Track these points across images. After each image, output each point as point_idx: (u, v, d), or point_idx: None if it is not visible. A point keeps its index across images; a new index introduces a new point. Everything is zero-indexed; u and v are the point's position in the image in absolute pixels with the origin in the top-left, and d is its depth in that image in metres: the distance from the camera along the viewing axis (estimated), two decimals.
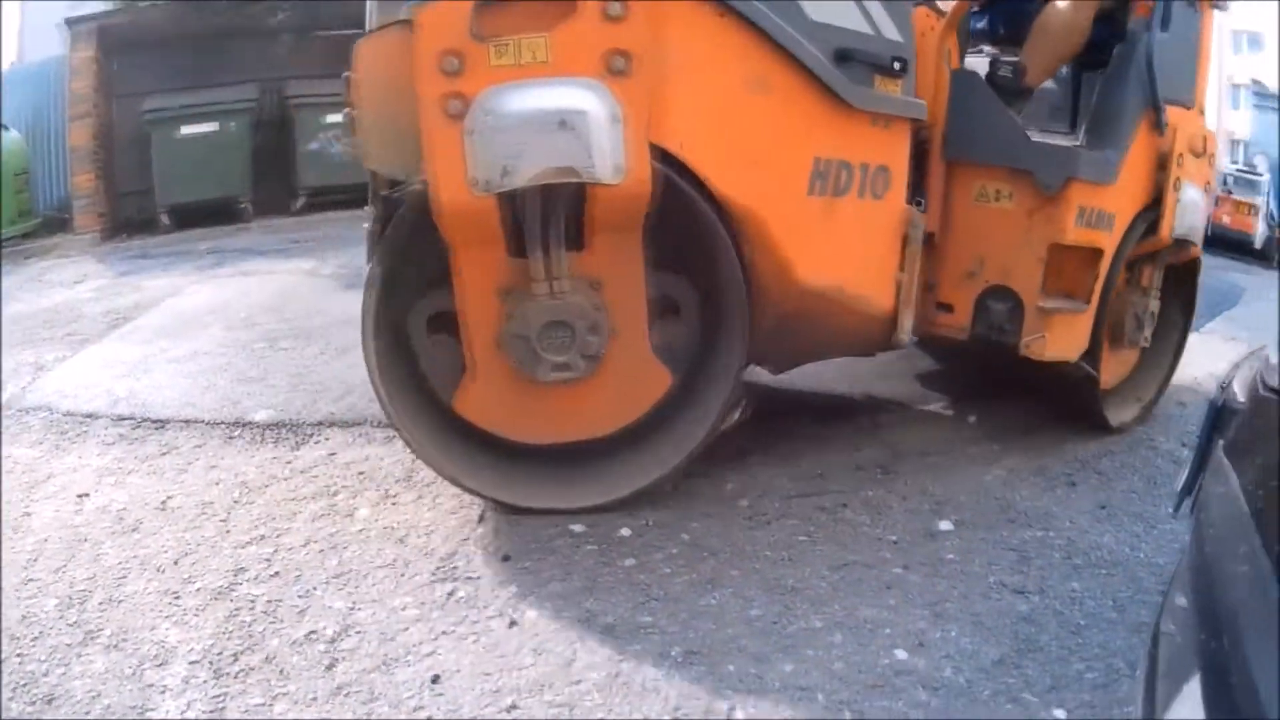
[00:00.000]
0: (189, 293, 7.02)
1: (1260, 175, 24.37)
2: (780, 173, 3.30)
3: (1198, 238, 4.59)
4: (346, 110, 3.12)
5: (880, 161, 3.54)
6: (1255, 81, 35.16)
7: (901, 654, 2.69)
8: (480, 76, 2.83)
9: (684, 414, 3.48)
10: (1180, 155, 4.18)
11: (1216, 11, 4.75)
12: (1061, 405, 4.56)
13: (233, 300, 6.69)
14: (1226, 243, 18.04)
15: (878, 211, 3.62)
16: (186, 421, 4.32)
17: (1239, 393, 1.97)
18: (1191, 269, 4.81)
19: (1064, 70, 4.64)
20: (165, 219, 10.21)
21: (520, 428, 3.38)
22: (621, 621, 2.74)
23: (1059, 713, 2.48)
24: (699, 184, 3.10)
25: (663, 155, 3.00)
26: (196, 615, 2.78)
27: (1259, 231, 24.04)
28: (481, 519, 3.32)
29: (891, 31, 3.46)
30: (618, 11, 2.86)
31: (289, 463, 3.85)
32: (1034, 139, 3.92)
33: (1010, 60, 4.11)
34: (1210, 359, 5.55)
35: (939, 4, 3.97)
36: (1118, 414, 4.61)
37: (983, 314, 4.00)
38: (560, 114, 2.84)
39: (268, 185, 10.76)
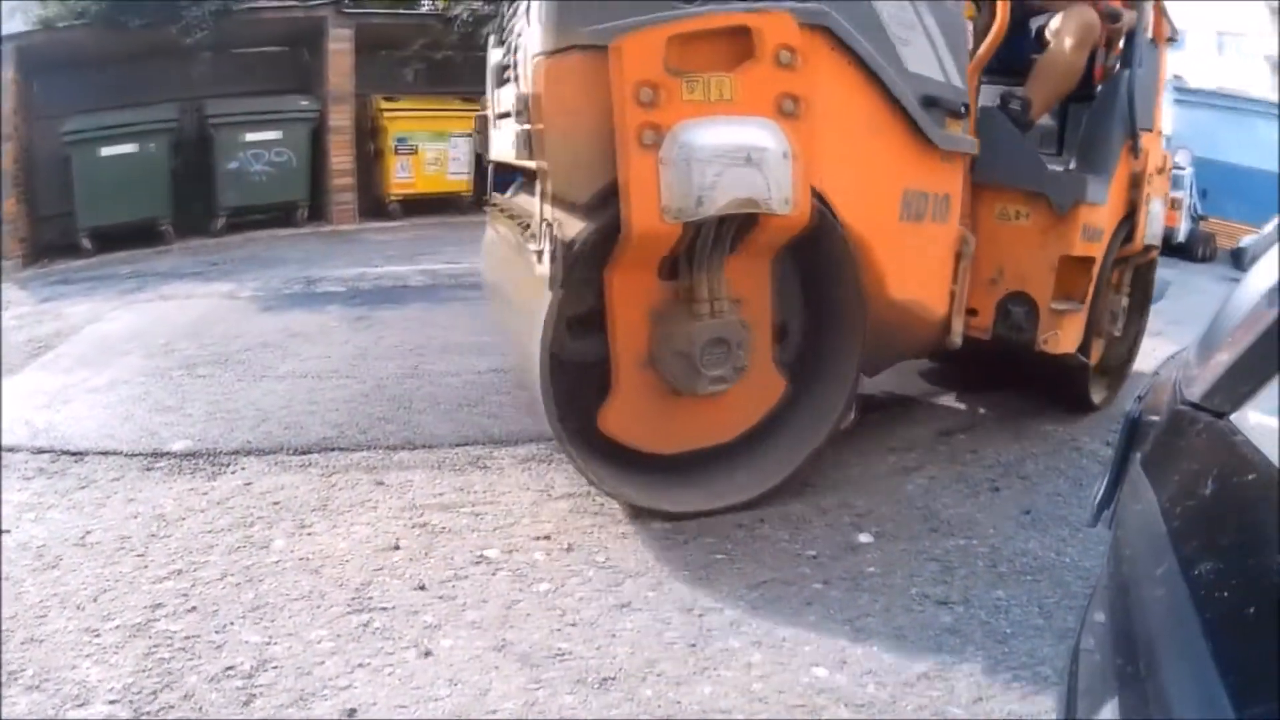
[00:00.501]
0: (109, 319, 6.90)
1: (1183, 169, 24.75)
2: (883, 203, 3.77)
3: (1159, 241, 5.59)
4: (525, 128, 3.23)
5: (945, 191, 4.10)
6: (1176, 77, 35.72)
7: (822, 671, 2.67)
8: (673, 110, 3.10)
9: (802, 417, 3.87)
10: (1150, 175, 5.06)
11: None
12: (1054, 391, 5.12)
13: (152, 326, 6.58)
14: None
15: (941, 233, 4.19)
16: (105, 453, 4.24)
17: (1156, 404, 1.96)
18: (1150, 267, 5.78)
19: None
20: (87, 242, 10.02)
21: (658, 440, 3.64)
22: (537, 649, 2.71)
23: None
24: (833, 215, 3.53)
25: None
26: (116, 653, 2.71)
27: (1183, 226, 24.45)
28: (396, 547, 3.27)
29: (957, 79, 4.03)
30: (789, 59, 3.23)
31: (205, 494, 3.78)
32: (1048, 167, 4.62)
33: (1019, 95, 4.69)
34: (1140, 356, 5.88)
35: None
36: (1096, 395, 5.25)
37: (1003, 316, 4.65)
38: (747, 150, 3.13)
39: (188, 206, 10.61)
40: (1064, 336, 4.61)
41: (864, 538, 3.55)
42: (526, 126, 3.21)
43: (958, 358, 4.83)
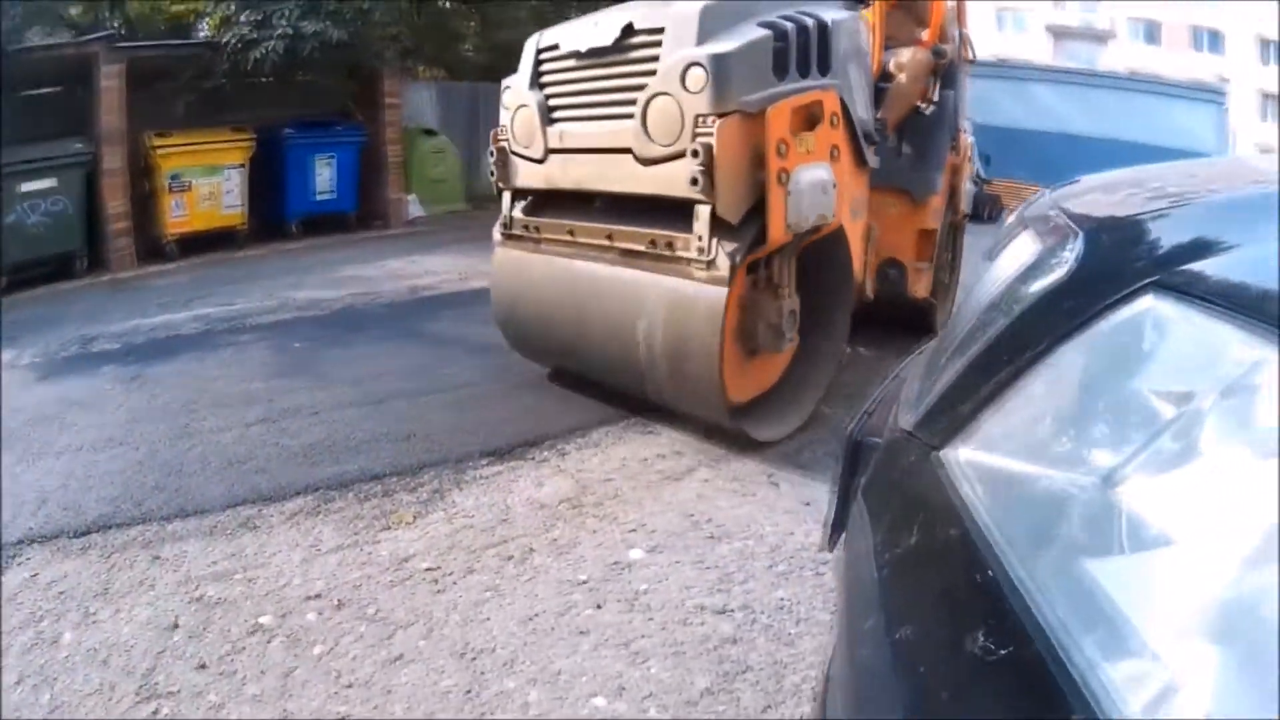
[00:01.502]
0: None
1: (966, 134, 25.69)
2: (850, 210, 5.32)
3: (969, 208, 8.48)
4: (699, 169, 4.38)
5: (864, 195, 5.68)
6: None
7: (600, 701, 2.72)
8: (792, 159, 4.52)
9: (816, 364, 5.47)
10: (963, 163, 7.61)
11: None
12: (914, 325, 6.77)
13: None
14: None
15: (862, 225, 5.76)
16: None
17: (878, 426, 1.95)
18: (962, 229, 8.27)
19: None
20: None
21: (739, 391, 4.99)
22: (317, 716, 2.71)
23: None
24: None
25: None
26: None
27: (968, 191, 25.35)
28: (176, 626, 3.21)
29: (871, 115, 5.65)
30: (836, 121, 4.86)
31: None
32: (909, 170, 6.67)
33: (878, 118, 5.98)
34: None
35: None
36: (938, 323, 6.98)
37: (883, 277, 6.59)
38: (824, 184, 4.71)
39: None
40: (922, 286, 6.78)
41: (636, 554, 3.63)
42: (698, 168, 4.36)
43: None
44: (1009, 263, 1.88)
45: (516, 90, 5.43)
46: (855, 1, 5.77)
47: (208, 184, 11.59)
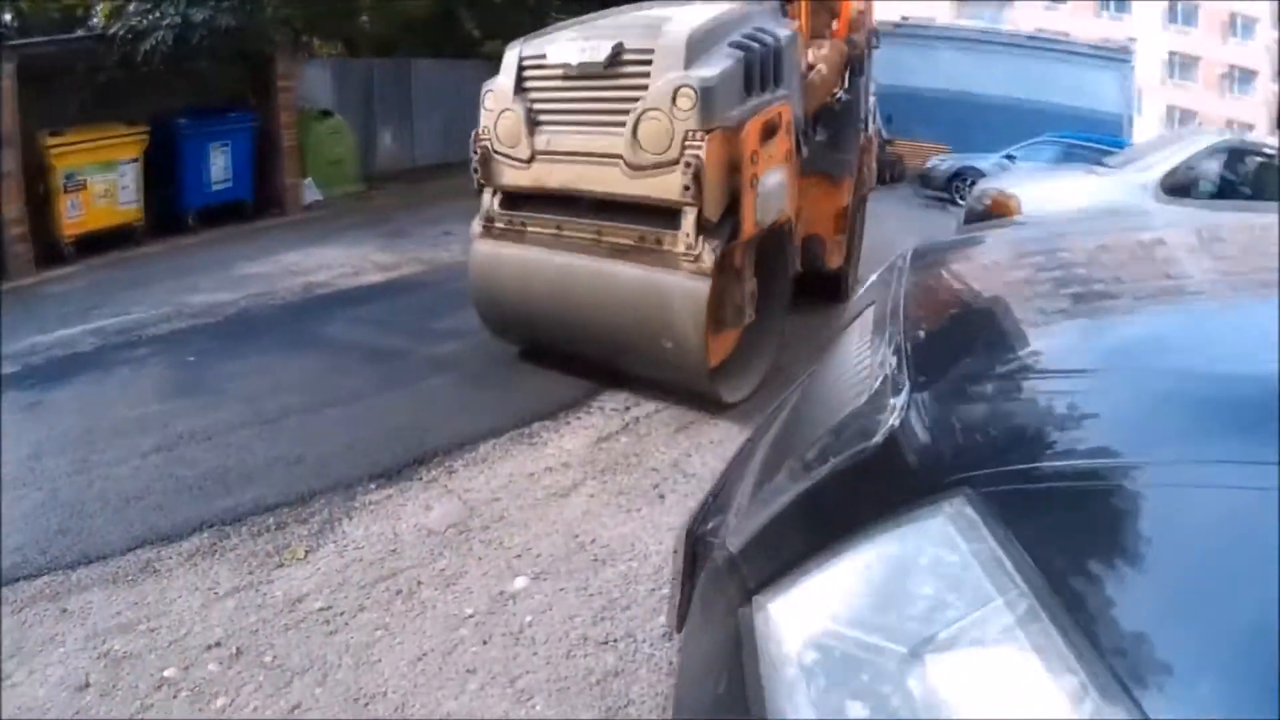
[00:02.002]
0: None
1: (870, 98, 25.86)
2: (790, 206, 6.36)
3: (875, 183, 10.10)
4: (690, 178, 5.32)
5: (796, 185, 6.51)
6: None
7: None
8: (761, 165, 5.58)
9: (763, 335, 6.35)
10: (870, 144, 9.17)
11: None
12: (827, 292, 8.03)
13: None
14: None
15: (790, 207, 6.54)
16: None
17: (716, 528, 1.87)
18: (865, 202, 9.55)
19: None
20: None
21: (714, 356, 5.79)
22: None
23: None
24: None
25: None
26: None
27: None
28: (87, 684, 3.27)
29: (802, 112, 6.71)
30: (789, 132, 5.99)
31: None
32: (827, 154, 7.61)
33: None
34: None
35: None
36: (848, 288, 8.39)
37: (807, 250, 7.42)
38: (783, 185, 5.98)
39: None
40: (836, 258, 8.03)
41: (520, 582, 3.79)
42: (689, 177, 5.28)
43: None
44: (848, 362, 1.96)
45: (500, 95, 6.19)
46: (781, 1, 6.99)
47: (103, 181, 11.39)
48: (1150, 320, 1.81)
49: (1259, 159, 10.98)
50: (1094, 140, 24.92)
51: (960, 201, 20.70)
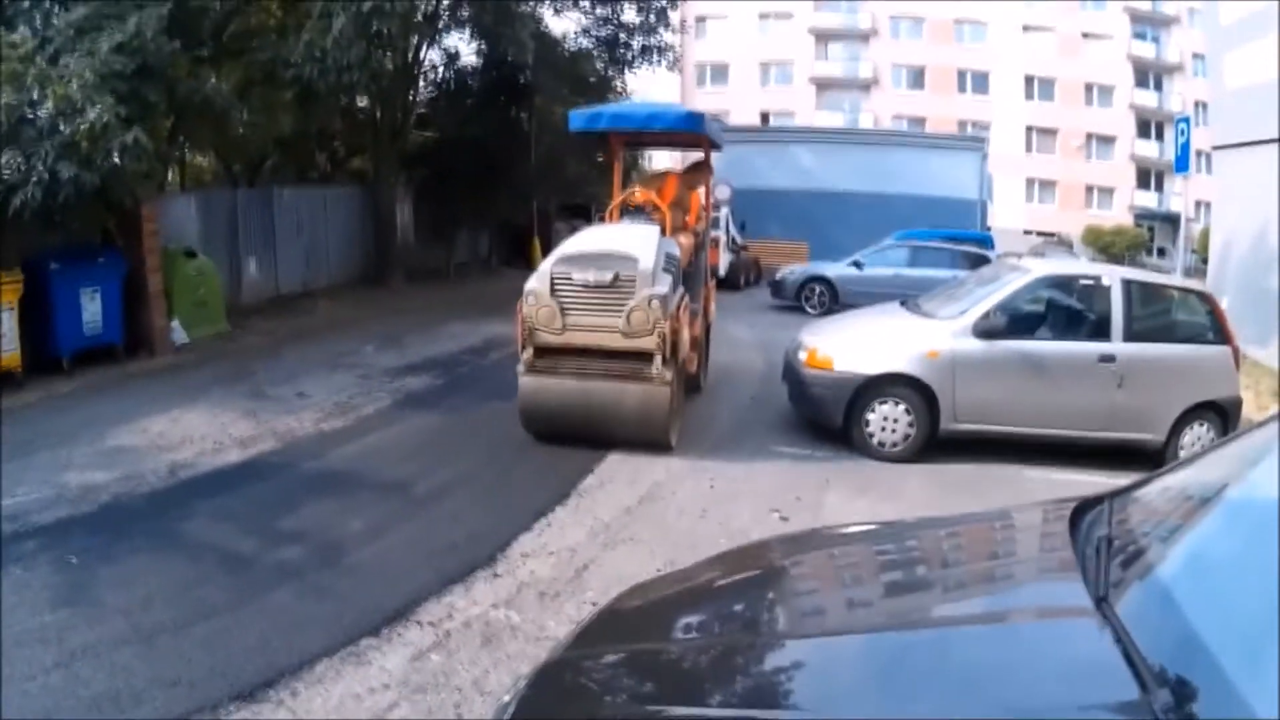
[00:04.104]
0: None
1: (722, 205, 27.29)
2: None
3: (715, 310, 16.39)
4: (659, 343, 10.35)
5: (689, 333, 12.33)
6: (716, 118, 39.20)
7: None
8: (683, 329, 10.76)
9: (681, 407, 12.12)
10: (709, 291, 14.97)
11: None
12: (688, 386, 12.93)
13: None
14: None
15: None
16: None
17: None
18: (710, 326, 15.39)
19: None
20: None
21: (672, 428, 11.14)
22: None
23: None
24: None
25: None
26: None
27: (723, 260, 27.11)
28: None
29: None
30: (686, 306, 11.59)
31: None
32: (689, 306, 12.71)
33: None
34: None
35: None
36: (700, 380, 14.39)
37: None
38: (688, 337, 11.72)
39: None
40: (696, 365, 12.87)
41: None
42: (660, 343, 10.29)
43: None
44: None
45: (540, 296, 10.46)
46: (646, 217, 12.57)
47: None
48: None
49: (1081, 284, 11.91)
50: (945, 236, 26.59)
51: (811, 310, 23.13)
